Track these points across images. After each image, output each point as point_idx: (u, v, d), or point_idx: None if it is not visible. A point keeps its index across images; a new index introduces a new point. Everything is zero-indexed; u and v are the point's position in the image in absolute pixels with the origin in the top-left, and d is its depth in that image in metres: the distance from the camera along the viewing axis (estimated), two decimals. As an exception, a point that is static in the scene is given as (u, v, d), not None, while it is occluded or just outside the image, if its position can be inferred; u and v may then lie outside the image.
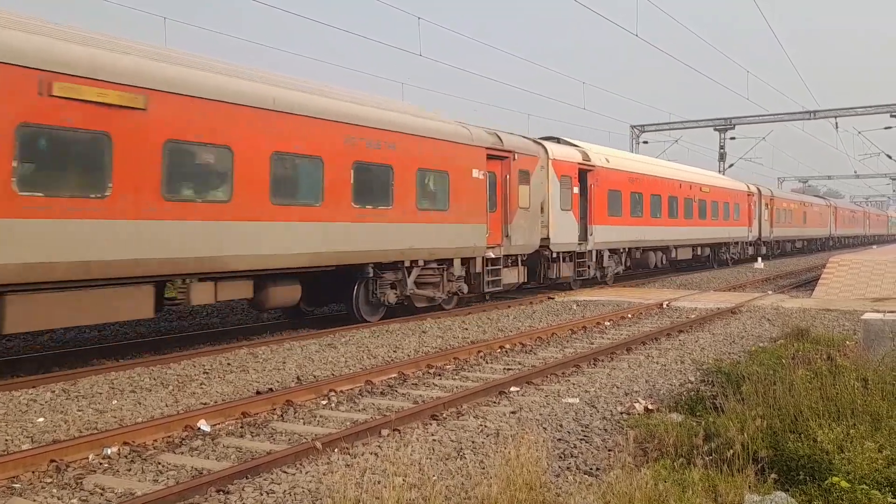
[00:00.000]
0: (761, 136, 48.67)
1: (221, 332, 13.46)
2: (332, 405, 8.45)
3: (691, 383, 9.25)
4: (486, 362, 11.10)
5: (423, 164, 15.03)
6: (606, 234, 22.42)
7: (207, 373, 9.94)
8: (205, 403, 8.32)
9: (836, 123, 42.78)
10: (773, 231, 40.88)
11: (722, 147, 46.00)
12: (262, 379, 9.58)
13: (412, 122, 14.92)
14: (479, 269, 16.77)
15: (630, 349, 11.96)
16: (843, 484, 4.74)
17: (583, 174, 21.41)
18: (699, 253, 30.98)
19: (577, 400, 8.50)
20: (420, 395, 8.91)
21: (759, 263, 34.25)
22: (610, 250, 22.97)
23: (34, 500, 5.51)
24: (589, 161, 21.68)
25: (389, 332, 13.61)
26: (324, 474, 5.81)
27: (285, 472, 6.02)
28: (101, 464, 6.34)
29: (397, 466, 5.00)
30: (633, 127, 47.28)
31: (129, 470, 6.20)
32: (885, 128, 43.47)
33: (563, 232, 20.18)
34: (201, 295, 11.00)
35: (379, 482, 5.10)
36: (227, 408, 7.87)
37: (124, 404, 8.22)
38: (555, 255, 20.00)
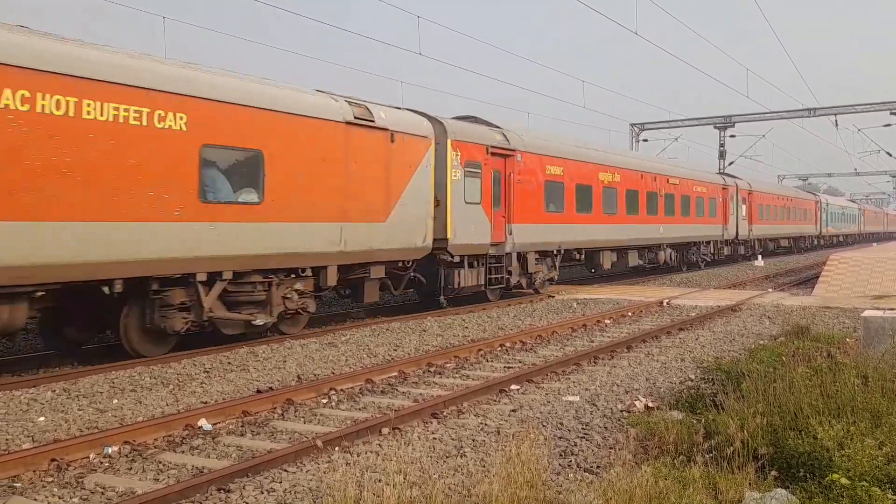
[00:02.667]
0: (761, 133, 48.64)
1: (221, 332, 13.43)
2: (333, 404, 8.46)
3: (691, 381, 9.25)
4: (487, 360, 11.10)
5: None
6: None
7: (208, 372, 9.94)
8: (205, 402, 8.32)
9: (836, 121, 42.71)
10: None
11: (722, 145, 45.93)
12: (263, 378, 9.59)
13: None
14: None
15: (630, 347, 11.96)
16: (844, 481, 4.74)
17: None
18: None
19: (578, 398, 8.51)
20: (420, 394, 8.91)
21: (760, 261, 34.29)
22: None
23: (35, 499, 5.51)
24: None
25: (389, 330, 13.61)
26: (324, 473, 5.81)
27: (286, 471, 6.02)
28: (101, 463, 6.34)
29: (398, 465, 5.00)
30: (632, 125, 47.22)
31: (130, 469, 6.21)
32: (885, 125, 43.38)
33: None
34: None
35: (380, 480, 5.10)
36: (227, 406, 7.88)
37: (125, 403, 8.22)
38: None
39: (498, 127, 18.28)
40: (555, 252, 20.05)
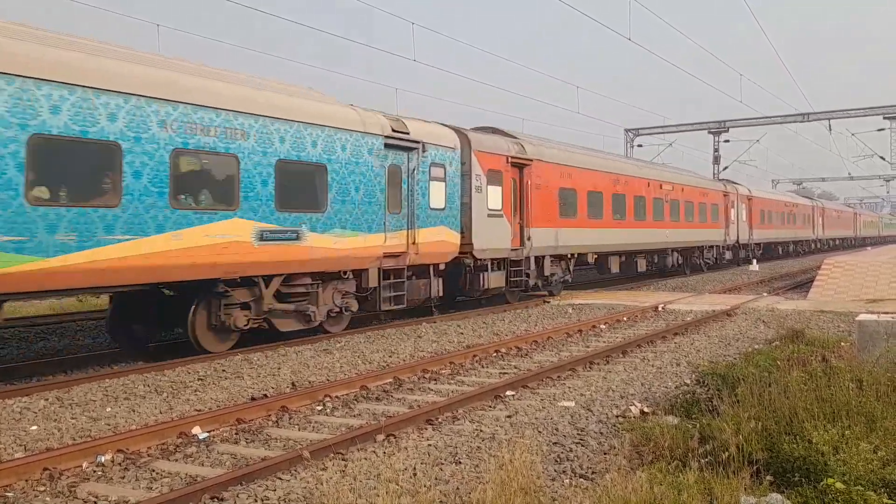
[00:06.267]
0: (755, 138, 48.92)
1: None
2: (328, 411, 8.43)
3: (687, 386, 9.24)
4: (482, 366, 11.08)
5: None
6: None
7: (202, 379, 9.91)
8: (199, 410, 8.29)
9: (830, 125, 42.94)
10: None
11: (716, 150, 46.13)
12: (257, 385, 9.55)
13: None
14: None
15: (625, 352, 11.96)
16: (839, 485, 4.73)
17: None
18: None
19: (573, 403, 8.49)
20: (415, 400, 8.89)
21: (755, 265, 34.37)
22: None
23: (27, 509, 5.48)
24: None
25: (385, 336, 13.59)
26: (318, 480, 5.79)
27: (280, 479, 5.99)
28: (94, 471, 6.30)
29: (392, 472, 4.99)
30: (627, 131, 47.39)
31: (123, 477, 6.17)
32: (878, 129, 43.66)
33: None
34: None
35: (374, 488, 5.08)
36: (221, 414, 7.84)
37: (118, 411, 8.18)
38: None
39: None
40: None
